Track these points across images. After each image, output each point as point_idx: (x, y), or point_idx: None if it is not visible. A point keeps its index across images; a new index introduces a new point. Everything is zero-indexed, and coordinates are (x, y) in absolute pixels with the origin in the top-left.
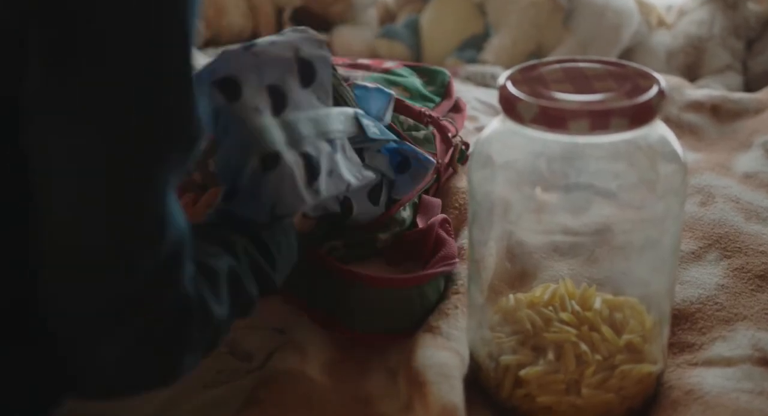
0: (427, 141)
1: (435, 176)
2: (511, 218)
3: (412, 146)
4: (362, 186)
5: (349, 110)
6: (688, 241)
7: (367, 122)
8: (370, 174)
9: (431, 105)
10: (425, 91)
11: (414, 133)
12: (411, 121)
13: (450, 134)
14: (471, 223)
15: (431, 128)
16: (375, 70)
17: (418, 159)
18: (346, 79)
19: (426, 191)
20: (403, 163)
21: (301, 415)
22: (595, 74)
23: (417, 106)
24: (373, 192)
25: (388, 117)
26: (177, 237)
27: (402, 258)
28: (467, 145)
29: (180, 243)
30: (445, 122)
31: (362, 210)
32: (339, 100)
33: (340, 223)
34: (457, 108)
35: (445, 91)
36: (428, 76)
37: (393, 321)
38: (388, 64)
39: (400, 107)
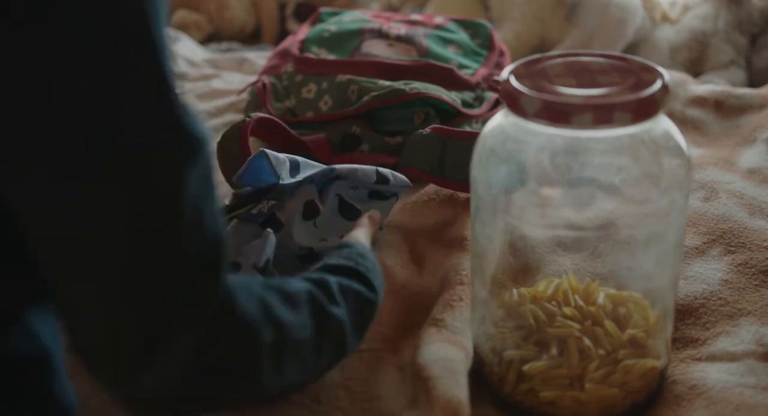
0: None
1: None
2: (514, 212)
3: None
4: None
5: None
6: (692, 236)
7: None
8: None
9: (480, 59)
10: (474, 45)
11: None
12: (468, 96)
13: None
14: (473, 217)
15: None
16: (428, 26)
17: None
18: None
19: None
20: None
21: (310, 412)
22: (599, 68)
23: (471, 77)
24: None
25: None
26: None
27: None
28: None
29: (214, 250)
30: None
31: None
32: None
33: None
34: (501, 53)
35: (489, 44)
36: (472, 29)
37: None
38: (438, 20)
39: (459, 83)
